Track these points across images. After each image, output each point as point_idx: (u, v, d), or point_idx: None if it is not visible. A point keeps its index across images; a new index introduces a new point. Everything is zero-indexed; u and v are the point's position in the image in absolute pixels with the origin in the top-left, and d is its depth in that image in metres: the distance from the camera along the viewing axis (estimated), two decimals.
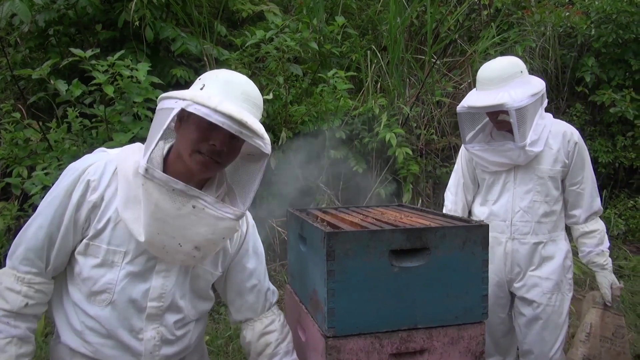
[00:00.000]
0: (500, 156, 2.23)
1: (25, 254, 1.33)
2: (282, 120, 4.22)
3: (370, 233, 1.38)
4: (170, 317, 1.40)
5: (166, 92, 1.33)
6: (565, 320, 2.30)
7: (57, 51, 4.17)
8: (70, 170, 1.36)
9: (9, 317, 1.31)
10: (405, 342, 1.41)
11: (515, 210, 2.28)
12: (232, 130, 1.22)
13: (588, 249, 2.31)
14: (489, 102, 2.11)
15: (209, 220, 1.29)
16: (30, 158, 3.59)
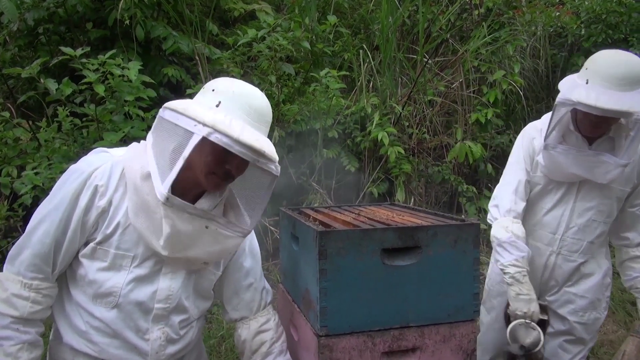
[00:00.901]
0: (580, 167, 1.93)
1: (31, 260, 1.32)
2: (275, 120, 4.22)
3: (363, 232, 1.38)
4: (175, 318, 1.41)
5: (178, 102, 1.30)
6: (593, 336, 2.20)
7: (47, 50, 4.13)
8: (75, 173, 1.33)
9: (19, 324, 1.31)
10: (398, 341, 1.42)
11: (570, 225, 2.08)
12: (250, 159, 1.26)
13: (635, 274, 2.08)
14: (614, 105, 1.73)
15: (220, 239, 1.34)
16: (19, 157, 3.56)
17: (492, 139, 4.95)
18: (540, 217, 2.15)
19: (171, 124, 1.29)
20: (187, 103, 1.30)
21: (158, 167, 1.28)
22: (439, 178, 4.66)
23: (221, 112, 1.27)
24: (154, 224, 1.29)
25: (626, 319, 3.84)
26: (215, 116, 1.24)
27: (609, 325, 3.73)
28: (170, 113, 1.30)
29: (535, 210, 2.16)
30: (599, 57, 1.89)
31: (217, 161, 1.30)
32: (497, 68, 4.91)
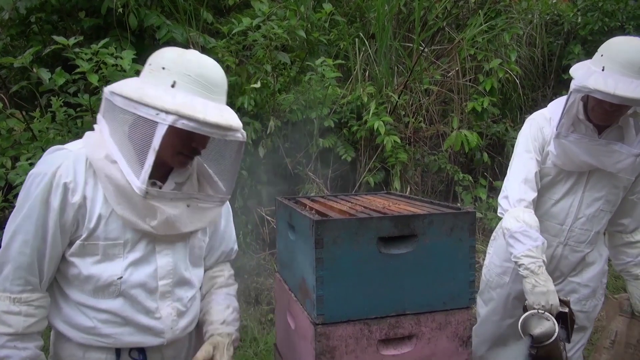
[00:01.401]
0: (592, 156, 1.90)
1: (15, 274, 1.28)
2: (270, 109, 4.20)
3: (359, 221, 1.39)
4: (180, 291, 1.43)
5: (128, 87, 1.26)
6: (591, 324, 2.22)
7: (40, 39, 4.08)
8: (37, 178, 1.28)
9: (16, 340, 1.27)
10: (394, 328, 1.43)
11: (579, 216, 2.06)
12: (219, 136, 1.28)
13: (628, 258, 2.11)
14: (635, 94, 1.69)
15: (203, 212, 1.40)
16: (14, 148, 3.53)
17: (488, 128, 4.95)
18: (548, 208, 2.11)
19: (128, 112, 1.26)
20: (140, 89, 1.25)
21: (126, 160, 1.26)
22: (435, 167, 4.67)
23: (179, 93, 1.24)
24: (137, 208, 1.29)
25: None
26: (175, 100, 1.21)
27: (602, 311, 3.77)
28: (123, 101, 1.25)
29: (543, 201, 2.12)
30: (615, 43, 1.85)
31: (182, 142, 1.31)
32: (493, 56, 4.90)
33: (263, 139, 4.08)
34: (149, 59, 1.34)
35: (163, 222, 1.31)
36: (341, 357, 1.38)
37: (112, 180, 1.27)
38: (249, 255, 4.03)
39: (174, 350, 1.47)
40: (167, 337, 1.40)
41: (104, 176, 1.28)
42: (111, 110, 1.31)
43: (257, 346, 3.23)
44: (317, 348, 1.36)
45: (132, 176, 1.25)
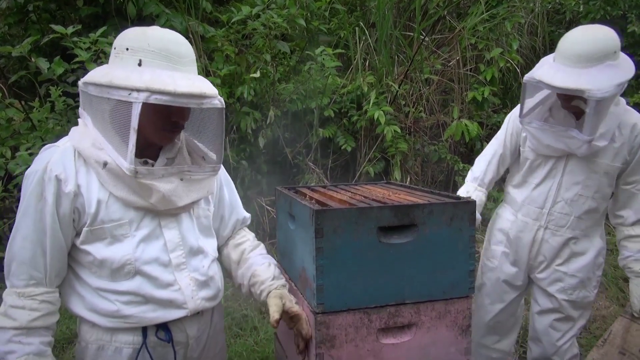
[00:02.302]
0: (558, 141, 1.97)
1: (18, 269, 1.32)
2: (270, 99, 4.18)
3: (359, 210, 1.39)
4: (194, 261, 1.46)
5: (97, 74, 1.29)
6: (582, 314, 2.21)
7: (38, 28, 4.06)
8: (31, 176, 1.32)
9: (20, 335, 1.30)
10: (394, 317, 1.44)
11: (557, 200, 2.10)
12: (195, 105, 1.30)
13: (628, 253, 2.10)
14: (569, 84, 1.78)
15: (197, 183, 1.42)
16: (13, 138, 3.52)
17: (489, 118, 4.94)
18: (529, 193, 2.18)
19: (102, 99, 1.28)
20: (108, 73, 1.27)
21: (112, 145, 1.29)
22: (435, 157, 4.66)
23: (146, 70, 1.26)
24: (134, 187, 1.32)
25: (618, 295, 3.91)
26: (143, 77, 1.23)
27: (601, 301, 3.79)
28: (95, 88, 1.28)
29: (525, 186, 2.20)
30: (568, 34, 1.91)
31: (162, 118, 1.33)
32: (494, 45, 4.87)
33: (263, 128, 4.07)
34: (114, 43, 1.36)
35: (160, 199, 1.33)
36: (341, 345, 1.39)
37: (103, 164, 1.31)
38: None
39: (197, 330, 1.50)
40: (190, 307, 1.43)
41: (94, 162, 1.31)
42: (88, 100, 1.34)
43: (258, 335, 3.25)
44: (317, 337, 1.37)
45: (120, 159, 1.28)
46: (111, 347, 1.39)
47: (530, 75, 1.95)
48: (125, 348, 1.39)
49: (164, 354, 1.44)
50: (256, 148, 4.05)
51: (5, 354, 1.29)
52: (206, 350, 1.56)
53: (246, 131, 3.93)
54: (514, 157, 2.27)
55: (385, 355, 1.43)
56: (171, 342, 1.44)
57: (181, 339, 1.47)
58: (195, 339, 1.51)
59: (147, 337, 1.41)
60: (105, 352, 1.39)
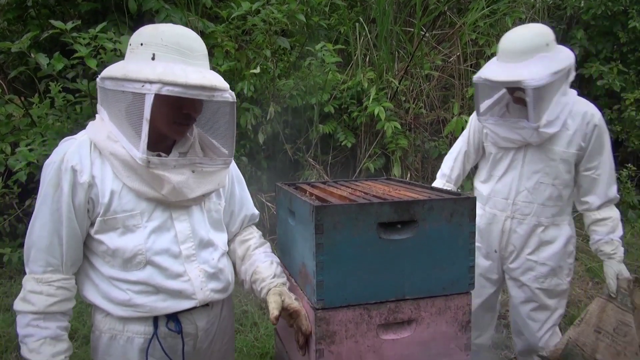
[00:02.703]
0: (513, 133, 2.11)
1: (36, 256, 1.36)
2: (270, 95, 4.18)
3: (359, 206, 1.38)
4: (204, 253, 1.49)
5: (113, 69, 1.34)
6: (558, 302, 2.25)
7: (37, 23, 4.05)
8: (49, 167, 1.36)
9: (38, 319, 1.34)
10: (394, 313, 1.44)
11: (520, 189, 2.19)
12: (206, 97, 1.32)
13: (598, 236, 2.18)
14: (505, 77, 1.97)
15: (209, 176, 1.44)
16: (13, 134, 3.53)
17: None
18: (495, 185, 2.28)
19: (118, 92, 1.33)
20: (124, 67, 1.32)
21: (125, 136, 1.33)
22: (435, 153, 4.66)
23: (159, 63, 1.30)
24: (146, 179, 1.35)
25: None
26: (156, 70, 1.27)
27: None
28: (111, 82, 1.33)
29: (491, 180, 2.30)
30: (506, 34, 2.09)
31: (174, 110, 1.35)
32: (495, 41, 4.86)
33: (263, 124, 4.06)
34: (129, 40, 1.41)
35: (171, 190, 1.36)
36: (341, 341, 1.39)
37: (117, 156, 1.34)
38: None
39: (206, 322, 1.53)
40: (199, 298, 1.45)
41: (109, 154, 1.35)
42: (105, 95, 1.38)
43: (258, 331, 3.26)
44: (317, 332, 1.37)
45: (133, 150, 1.31)
46: (123, 336, 1.42)
47: (477, 75, 2.12)
48: (137, 338, 1.42)
49: (173, 344, 1.47)
50: (256, 144, 4.05)
51: (23, 337, 1.34)
52: (214, 342, 1.59)
53: (246, 127, 3.92)
54: (479, 154, 2.40)
55: (385, 351, 1.43)
56: (181, 333, 1.47)
57: (191, 330, 1.50)
58: (205, 331, 1.53)
59: (158, 328, 1.44)
60: (117, 342, 1.43)
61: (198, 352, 1.53)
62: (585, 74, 5.73)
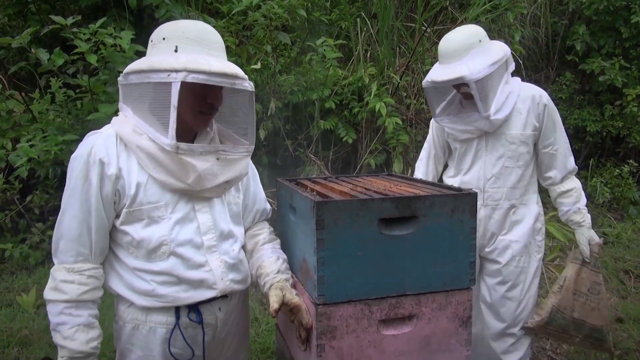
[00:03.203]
0: (468, 125, 2.26)
1: (67, 246, 1.40)
2: (271, 90, 4.17)
3: (360, 202, 1.38)
4: (225, 245, 1.53)
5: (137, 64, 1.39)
6: (532, 281, 2.34)
7: (37, 19, 4.04)
8: (77, 159, 1.40)
9: (71, 308, 1.38)
10: (394, 308, 1.44)
11: (488, 177, 2.30)
12: (228, 85, 1.37)
13: (566, 207, 2.34)
14: (448, 76, 2.12)
15: (232, 164, 1.48)
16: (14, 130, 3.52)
17: None
18: (463, 177, 2.37)
19: (143, 85, 1.38)
20: (148, 60, 1.38)
21: (153, 126, 1.37)
22: None
23: (182, 54, 1.37)
24: (171, 169, 1.39)
25: (619, 286, 3.92)
26: (180, 59, 1.33)
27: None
28: (136, 76, 1.38)
29: (459, 173, 2.40)
30: (443, 38, 2.25)
31: (199, 100, 1.41)
32: (496, 36, 4.84)
33: (264, 120, 4.06)
34: (150, 38, 1.46)
35: (197, 178, 1.40)
36: (342, 336, 1.39)
37: (143, 149, 1.39)
38: None
39: (225, 313, 1.57)
40: (219, 288, 1.49)
41: (135, 147, 1.40)
42: (129, 91, 1.43)
43: (259, 326, 3.27)
44: (318, 328, 1.37)
45: (161, 138, 1.35)
46: (145, 326, 1.46)
47: (425, 80, 2.30)
48: (159, 328, 1.46)
49: (194, 335, 1.51)
50: (257, 140, 4.04)
51: (57, 325, 1.38)
52: (231, 333, 1.63)
53: None
54: (446, 153, 2.54)
55: (386, 346, 1.44)
56: (201, 324, 1.51)
57: (211, 320, 1.53)
58: (223, 322, 1.57)
59: (180, 318, 1.47)
60: (139, 332, 1.47)
61: (216, 342, 1.58)
62: (587, 70, 5.71)
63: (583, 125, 5.74)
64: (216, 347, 1.59)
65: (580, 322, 2.30)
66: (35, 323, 3.19)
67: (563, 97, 5.81)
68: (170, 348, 1.46)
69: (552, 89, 5.84)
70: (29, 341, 3.04)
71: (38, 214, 4.13)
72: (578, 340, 2.35)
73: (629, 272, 4.10)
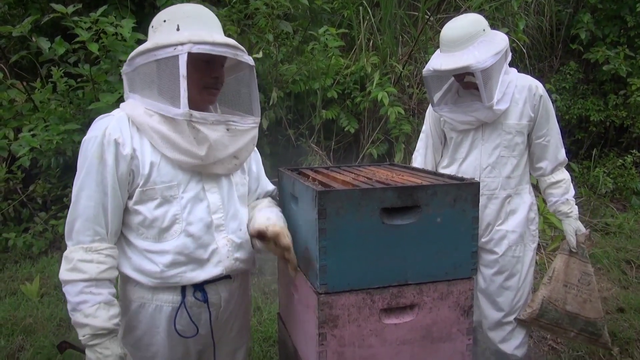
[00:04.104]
0: (468, 115, 2.25)
1: (84, 226, 1.41)
2: (273, 80, 4.15)
3: (362, 191, 1.38)
4: (232, 224, 1.56)
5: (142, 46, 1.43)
6: (528, 270, 2.36)
7: (38, 7, 4.02)
8: (90, 141, 1.42)
9: (91, 286, 1.39)
10: (396, 298, 1.44)
11: (484, 166, 2.31)
12: (231, 55, 1.42)
13: (555, 198, 2.37)
14: (453, 65, 2.10)
15: (240, 135, 1.51)
16: (16, 119, 3.52)
17: None
18: (459, 167, 2.38)
19: (150, 64, 1.43)
20: (152, 41, 1.42)
21: (163, 102, 1.41)
22: None
23: (185, 31, 1.42)
24: (183, 144, 1.42)
25: (620, 277, 3.92)
26: (183, 34, 1.39)
27: (603, 282, 3.81)
28: (143, 57, 1.42)
29: (454, 162, 2.41)
30: (444, 27, 2.22)
31: (205, 75, 1.46)
32: (500, 25, 4.80)
33: (266, 110, 4.05)
34: (151, 23, 1.51)
35: (209, 149, 1.43)
36: (344, 325, 1.40)
37: (156, 129, 1.42)
38: None
39: (229, 293, 1.61)
40: (225, 265, 1.53)
41: (147, 128, 1.43)
42: (134, 77, 1.47)
43: (261, 315, 3.29)
44: (320, 317, 1.38)
45: (173, 109, 1.39)
46: (152, 305, 1.50)
47: (426, 69, 2.26)
48: (165, 306, 1.50)
49: (198, 314, 1.54)
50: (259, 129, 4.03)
51: (77, 304, 1.39)
52: (232, 315, 1.67)
53: None
54: (443, 143, 2.53)
55: (388, 335, 1.44)
56: (207, 302, 1.54)
57: (215, 300, 1.57)
58: (226, 302, 1.61)
59: (186, 297, 1.51)
60: (145, 310, 1.50)
61: (219, 323, 1.61)
62: (591, 59, 5.66)
63: (586, 115, 5.71)
64: (220, 328, 1.62)
65: (574, 315, 2.32)
66: (39, 311, 3.21)
67: (567, 86, 5.77)
68: (175, 325, 1.50)
69: (555, 79, 5.81)
70: (33, 329, 3.06)
71: (41, 203, 4.14)
72: (573, 334, 2.36)
73: (631, 262, 4.10)
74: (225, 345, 1.68)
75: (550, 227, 4.13)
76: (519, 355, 2.39)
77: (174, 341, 1.53)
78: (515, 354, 2.38)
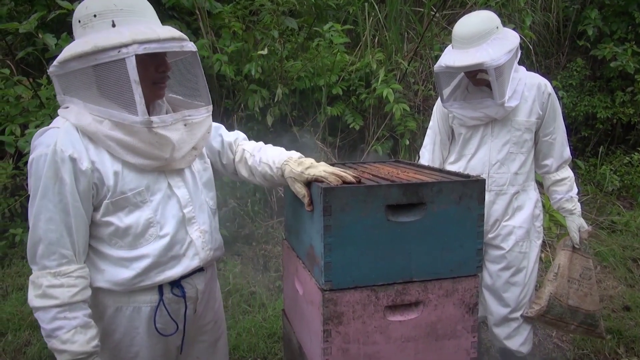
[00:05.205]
0: (478, 112, 2.27)
1: (48, 250, 1.34)
2: (278, 76, 4.15)
3: (367, 188, 1.38)
4: (202, 215, 1.56)
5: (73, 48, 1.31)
6: (534, 266, 2.39)
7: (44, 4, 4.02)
8: (40, 160, 1.33)
9: (64, 311, 1.34)
10: (401, 295, 1.44)
11: (493, 162, 2.33)
12: (178, 48, 1.36)
13: (559, 196, 2.40)
14: (467, 62, 2.12)
15: (197, 126, 1.48)
16: (22, 116, 3.53)
17: None
18: (468, 163, 2.39)
19: (89, 69, 1.31)
20: (87, 42, 1.29)
21: (115, 109, 1.32)
22: None
23: (122, 28, 1.31)
24: (145, 151, 1.37)
25: (627, 275, 3.90)
26: (124, 34, 1.28)
27: (609, 281, 3.79)
28: (78, 61, 1.30)
29: (462, 159, 2.41)
30: (457, 23, 2.24)
31: (151, 71, 1.39)
32: (506, 21, 4.76)
33: (271, 107, 4.04)
34: (73, 19, 1.38)
35: (172, 149, 1.40)
36: (348, 322, 1.40)
37: (111, 137, 1.35)
38: (257, 223, 4.06)
39: (204, 285, 1.61)
40: (201, 257, 1.54)
41: (102, 137, 1.35)
42: (72, 79, 1.35)
43: (266, 312, 3.29)
44: (324, 313, 1.38)
45: (130, 117, 1.31)
46: (129, 307, 1.47)
47: (438, 64, 2.26)
48: (144, 307, 1.47)
49: (176, 309, 1.53)
50: (264, 126, 4.03)
51: (52, 331, 1.33)
52: (210, 305, 1.68)
53: (254, 109, 3.91)
54: (450, 138, 2.54)
55: (392, 332, 1.44)
56: (184, 297, 1.53)
57: (192, 294, 1.57)
58: (202, 293, 1.61)
59: (163, 295, 1.49)
60: (122, 313, 1.47)
61: (197, 316, 1.62)
62: (599, 56, 5.62)
63: (593, 112, 5.67)
64: (197, 320, 1.63)
65: (575, 309, 2.35)
66: None
67: (573, 83, 5.72)
68: (156, 324, 1.48)
69: (562, 75, 5.76)
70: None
71: None
72: (573, 327, 2.39)
73: (637, 261, 4.07)
74: (205, 336, 1.68)
75: (556, 224, 4.11)
76: (524, 352, 2.39)
77: (154, 339, 1.50)
78: (520, 351, 2.38)
